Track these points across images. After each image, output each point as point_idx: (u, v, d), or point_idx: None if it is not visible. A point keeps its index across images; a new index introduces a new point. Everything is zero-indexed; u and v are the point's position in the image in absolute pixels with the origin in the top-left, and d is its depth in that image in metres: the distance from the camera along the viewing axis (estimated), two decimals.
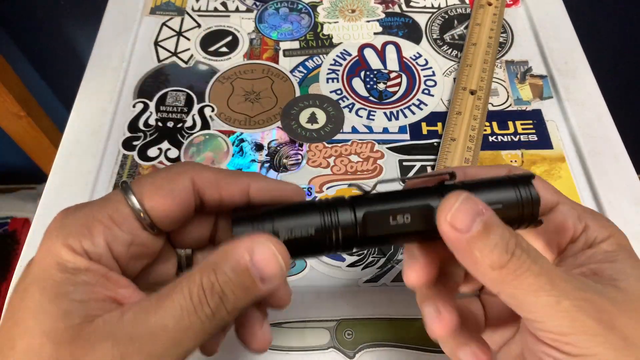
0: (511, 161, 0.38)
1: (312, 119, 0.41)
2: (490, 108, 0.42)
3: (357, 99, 0.42)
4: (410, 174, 0.38)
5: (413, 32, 0.47)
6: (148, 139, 0.39)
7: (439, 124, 0.41)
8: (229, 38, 0.46)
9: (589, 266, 0.21)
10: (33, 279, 0.18)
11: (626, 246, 0.21)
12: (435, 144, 0.39)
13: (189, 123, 0.40)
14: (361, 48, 0.46)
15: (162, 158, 0.38)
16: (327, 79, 0.43)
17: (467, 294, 0.27)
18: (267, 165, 0.38)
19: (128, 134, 0.40)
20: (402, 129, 0.40)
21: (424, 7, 0.49)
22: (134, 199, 0.20)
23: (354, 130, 0.40)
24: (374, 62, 0.45)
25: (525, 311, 0.19)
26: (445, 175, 0.22)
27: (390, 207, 0.21)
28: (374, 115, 0.41)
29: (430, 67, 0.45)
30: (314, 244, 0.21)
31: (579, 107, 0.41)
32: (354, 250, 0.22)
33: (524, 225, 0.22)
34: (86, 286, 0.18)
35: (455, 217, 0.19)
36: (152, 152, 0.39)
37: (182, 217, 0.21)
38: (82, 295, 0.18)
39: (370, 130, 0.40)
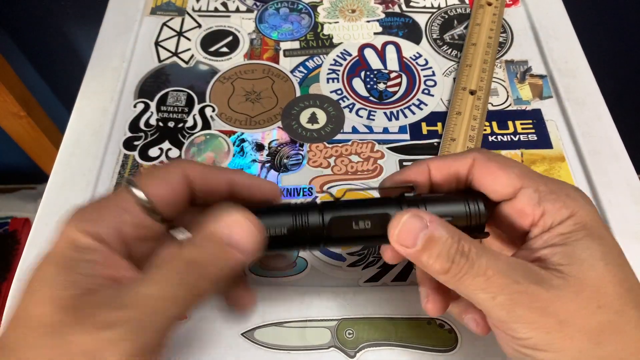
0: None
1: (313, 119, 0.41)
2: (490, 108, 0.42)
3: (357, 99, 0.42)
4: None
5: (413, 32, 0.47)
6: (149, 139, 0.40)
7: (439, 124, 0.41)
8: (230, 38, 0.46)
9: (542, 252, 0.23)
10: (49, 256, 0.21)
11: (586, 224, 0.22)
12: (435, 144, 0.40)
13: (189, 123, 0.40)
14: (361, 48, 0.46)
15: (163, 158, 0.38)
16: (328, 79, 0.44)
17: None
18: (267, 165, 0.38)
19: (129, 134, 0.40)
20: (402, 129, 0.40)
21: (424, 7, 0.49)
22: (137, 190, 0.22)
23: (355, 130, 0.40)
24: (374, 62, 0.45)
25: (476, 305, 0.22)
26: (407, 187, 0.26)
27: (353, 214, 0.24)
28: (374, 115, 0.41)
29: (430, 67, 0.45)
30: (286, 240, 0.24)
31: (579, 107, 0.41)
32: (321, 247, 0.25)
33: (472, 235, 0.23)
34: (92, 263, 0.20)
35: (401, 235, 0.22)
36: (153, 152, 0.39)
37: (178, 204, 0.24)
38: (88, 270, 0.20)
39: (370, 130, 0.40)
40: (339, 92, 0.43)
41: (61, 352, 0.18)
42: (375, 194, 0.30)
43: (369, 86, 0.43)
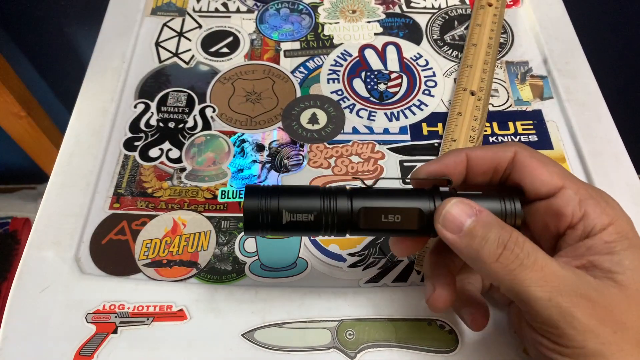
0: None
1: (313, 119, 0.41)
2: (491, 108, 0.42)
3: (357, 99, 0.42)
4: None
5: (413, 33, 0.47)
6: (149, 139, 0.40)
7: (440, 125, 0.41)
8: (230, 39, 0.46)
9: (588, 258, 0.22)
10: None
11: (627, 234, 0.22)
12: (435, 144, 0.39)
13: (190, 123, 0.40)
14: (362, 49, 0.46)
15: (163, 158, 0.38)
16: (328, 80, 0.43)
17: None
18: (268, 165, 0.38)
19: (129, 135, 0.40)
20: (402, 130, 0.40)
21: (425, 7, 0.49)
22: None
23: (355, 130, 0.40)
24: (375, 62, 0.45)
25: (521, 304, 0.21)
26: (443, 180, 0.25)
27: (383, 206, 0.23)
28: (374, 116, 0.41)
29: (431, 68, 0.45)
30: (311, 225, 0.23)
31: (579, 108, 0.41)
32: (347, 235, 0.24)
33: None
34: None
35: (448, 218, 0.21)
36: (154, 152, 0.39)
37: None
38: None
39: (371, 130, 0.40)
40: (340, 92, 0.43)
41: None
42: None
43: (369, 87, 0.43)
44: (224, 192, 0.37)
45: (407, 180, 0.34)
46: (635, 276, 0.20)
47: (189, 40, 0.46)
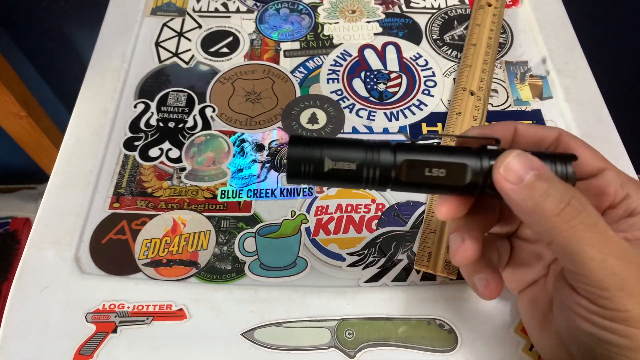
0: None
1: (313, 119, 0.41)
2: (490, 108, 0.42)
3: (357, 99, 0.42)
4: None
5: (413, 33, 0.47)
6: (149, 139, 0.40)
7: (439, 125, 0.41)
8: (230, 39, 0.46)
9: (633, 232, 0.22)
10: None
11: None
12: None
13: (190, 123, 0.40)
14: (361, 49, 0.46)
15: (163, 158, 0.39)
16: (328, 80, 0.44)
17: (500, 235, 0.29)
18: (267, 165, 0.38)
19: (129, 134, 0.40)
20: (402, 129, 0.40)
21: (424, 7, 0.49)
22: None
23: (355, 130, 0.40)
24: (374, 62, 0.45)
25: (571, 263, 0.21)
26: (491, 139, 0.24)
27: (428, 159, 0.23)
28: (374, 116, 0.41)
29: (430, 68, 0.45)
30: (353, 175, 0.23)
31: (579, 108, 0.41)
32: (388, 189, 0.24)
33: None
34: None
35: (510, 167, 0.21)
36: (154, 152, 0.39)
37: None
38: None
39: (370, 130, 0.40)
40: (339, 92, 0.43)
41: None
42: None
43: (369, 87, 0.43)
44: (223, 192, 0.37)
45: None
46: None
47: (189, 40, 0.46)
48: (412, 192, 0.33)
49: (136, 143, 0.39)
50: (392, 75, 0.44)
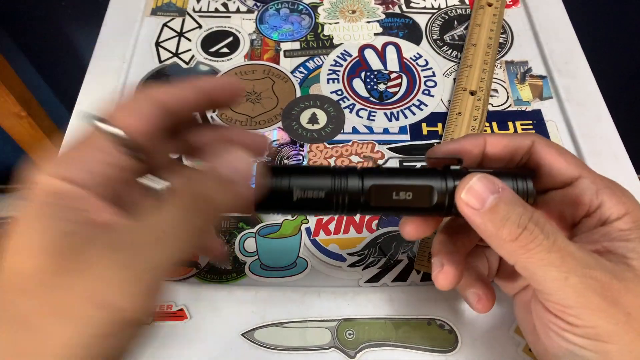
0: None
1: (313, 119, 0.41)
2: (490, 108, 0.42)
3: (357, 99, 0.42)
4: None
5: (413, 33, 0.47)
6: None
7: (439, 125, 0.41)
8: (230, 39, 0.46)
9: (603, 244, 0.22)
10: (25, 209, 0.19)
11: None
12: (435, 144, 0.40)
13: None
14: (361, 49, 0.46)
15: None
16: (328, 80, 0.44)
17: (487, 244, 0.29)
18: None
19: None
20: (402, 130, 0.40)
21: (424, 8, 0.49)
22: (108, 125, 0.20)
23: (355, 130, 0.40)
24: (375, 62, 0.45)
25: (536, 283, 0.21)
26: (454, 159, 0.24)
27: (394, 183, 0.23)
28: (374, 116, 0.41)
29: (431, 68, 0.45)
30: (322, 203, 0.23)
31: (579, 108, 0.41)
32: (358, 214, 0.24)
33: None
34: (75, 209, 0.18)
35: (471, 193, 0.21)
36: None
37: (156, 138, 0.21)
38: (72, 216, 0.18)
39: (370, 130, 0.40)
40: (340, 92, 0.43)
41: (62, 301, 0.16)
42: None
43: (369, 87, 0.43)
44: None
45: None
46: None
47: (189, 40, 0.46)
48: (383, 215, 0.33)
49: None
50: (392, 76, 0.44)
